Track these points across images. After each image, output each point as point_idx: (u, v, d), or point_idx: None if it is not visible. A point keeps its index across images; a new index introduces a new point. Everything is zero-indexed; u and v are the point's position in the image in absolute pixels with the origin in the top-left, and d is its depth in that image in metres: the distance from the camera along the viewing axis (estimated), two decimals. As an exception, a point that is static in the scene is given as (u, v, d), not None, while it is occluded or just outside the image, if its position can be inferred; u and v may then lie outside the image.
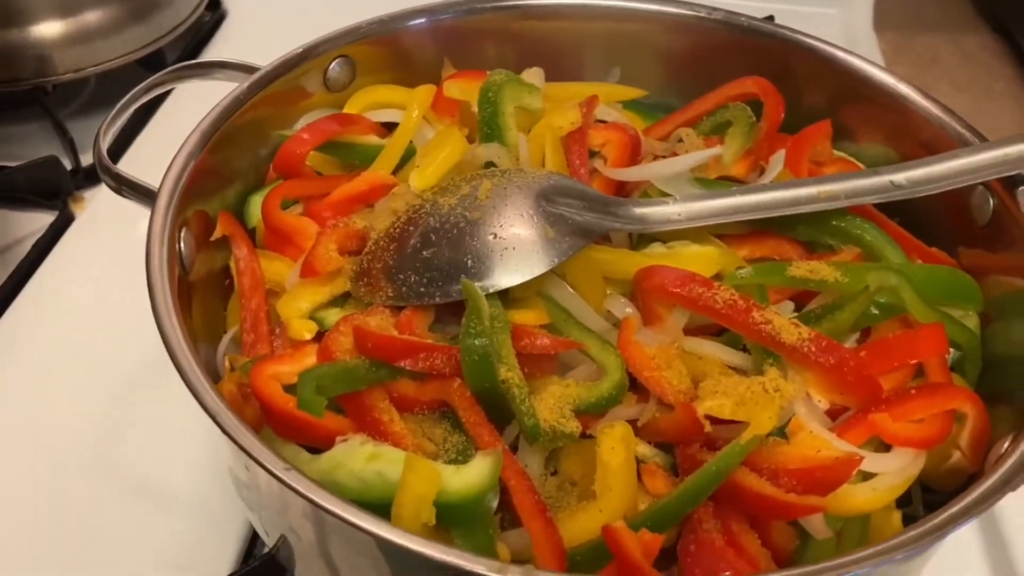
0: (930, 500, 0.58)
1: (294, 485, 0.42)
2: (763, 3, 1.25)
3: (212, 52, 1.22)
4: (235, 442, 0.44)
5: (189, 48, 1.20)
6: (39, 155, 1.00)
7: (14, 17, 1.03)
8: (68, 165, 0.99)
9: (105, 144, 0.64)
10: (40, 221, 0.96)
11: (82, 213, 0.97)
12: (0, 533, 0.69)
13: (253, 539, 0.69)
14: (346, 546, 0.48)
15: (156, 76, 0.67)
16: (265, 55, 0.76)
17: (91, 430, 0.76)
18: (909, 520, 0.55)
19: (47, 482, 0.73)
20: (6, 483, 0.72)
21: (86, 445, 0.75)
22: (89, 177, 1.00)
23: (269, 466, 0.43)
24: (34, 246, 0.91)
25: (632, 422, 0.58)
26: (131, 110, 0.67)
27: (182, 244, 0.58)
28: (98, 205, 0.97)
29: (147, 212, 0.64)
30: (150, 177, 0.65)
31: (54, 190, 0.95)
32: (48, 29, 1.04)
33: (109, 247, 0.92)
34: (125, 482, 0.73)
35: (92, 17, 1.06)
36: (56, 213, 0.94)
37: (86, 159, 1.02)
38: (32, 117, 1.09)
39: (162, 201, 0.57)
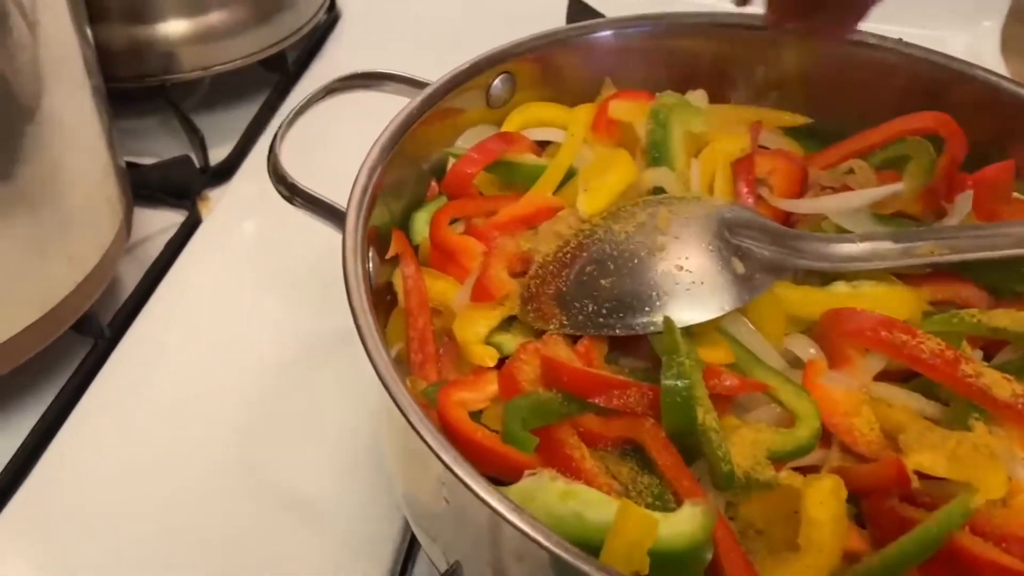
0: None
1: (528, 531, 0.41)
2: (889, 26, 1.21)
3: (328, 54, 1.22)
4: (461, 480, 0.42)
5: (307, 49, 1.20)
6: (160, 150, 1.01)
7: (142, 14, 1.03)
8: (197, 163, 0.99)
9: (281, 153, 0.63)
10: (168, 220, 0.96)
11: (209, 214, 0.97)
12: (137, 537, 0.69)
13: (406, 559, 0.68)
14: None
15: (330, 83, 0.66)
16: (378, 60, 0.74)
17: (228, 435, 0.76)
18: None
19: (182, 489, 0.72)
20: (147, 489, 0.72)
21: (224, 451, 0.75)
22: (216, 176, 1.00)
23: (498, 507, 0.41)
24: (167, 245, 0.91)
25: (814, 468, 0.56)
26: (302, 116, 0.66)
27: (370, 263, 0.56)
28: (224, 205, 0.97)
29: (268, 214, 0.63)
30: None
31: (185, 189, 0.95)
32: (175, 27, 1.04)
33: (238, 248, 0.92)
34: (263, 493, 0.72)
35: (218, 17, 1.06)
36: (186, 213, 0.94)
37: (213, 157, 1.02)
38: (150, 112, 1.10)
39: (351, 219, 0.56)
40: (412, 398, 0.46)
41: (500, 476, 0.53)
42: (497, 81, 0.72)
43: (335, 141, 0.82)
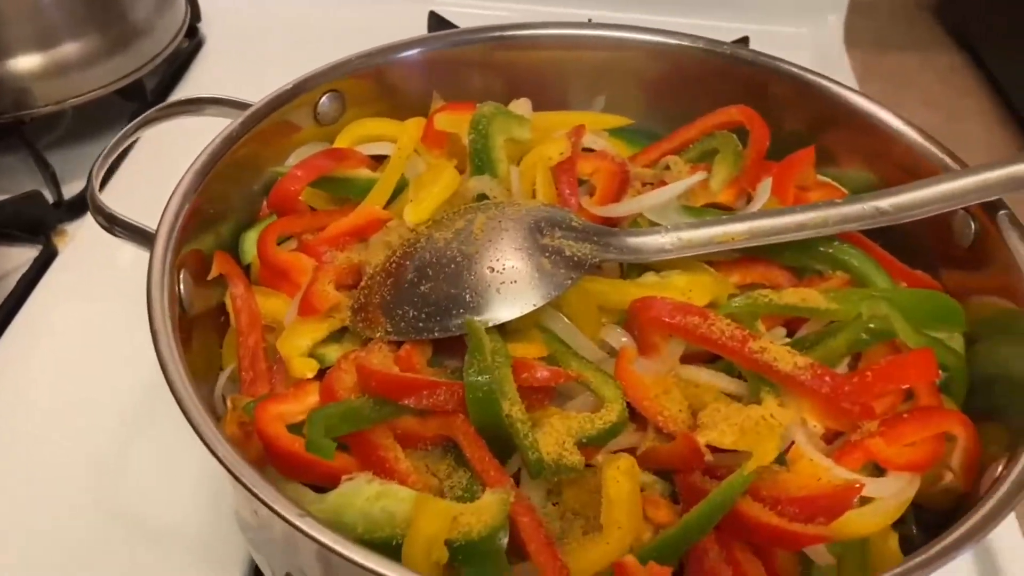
0: (923, 519, 0.59)
1: (310, 532, 0.42)
2: (737, 24, 1.27)
3: (191, 80, 1.22)
4: (249, 490, 0.44)
5: (168, 76, 1.20)
6: (16, 188, 1.00)
7: (-12, 51, 1.02)
8: (50, 199, 0.98)
9: (97, 183, 0.63)
10: (22, 256, 0.95)
11: (65, 247, 0.96)
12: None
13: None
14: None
15: (148, 113, 0.67)
16: (244, 82, 0.75)
17: (85, 466, 0.76)
18: (903, 540, 0.57)
19: (39, 520, 0.72)
20: (3, 525, 0.72)
21: (80, 481, 0.75)
22: (71, 210, 0.99)
23: (284, 513, 0.43)
24: (19, 282, 0.90)
25: (631, 450, 0.59)
26: (122, 147, 0.67)
27: (181, 286, 0.58)
28: (81, 238, 0.97)
29: (130, 245, 0.65)
30: (136, 211, 0.66)
31: (37, 224, 0.95)
32: (27, 62, 1.03)
33: (94, 281, 0.92)
34: (121, 520, 0.72)
35: (71, 49, 1.05)
36: (40, 248, 0.93)
37: (67, 192, 1.01)
38: (7, 149, 1.08)
39: (160, 244, 0.57)
40: (204, 411, 0.47)
41: (324, 484, 0.54)
42: (324, 99, 0.74)
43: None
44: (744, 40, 1.20)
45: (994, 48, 1.34)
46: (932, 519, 0.58)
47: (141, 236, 0.62)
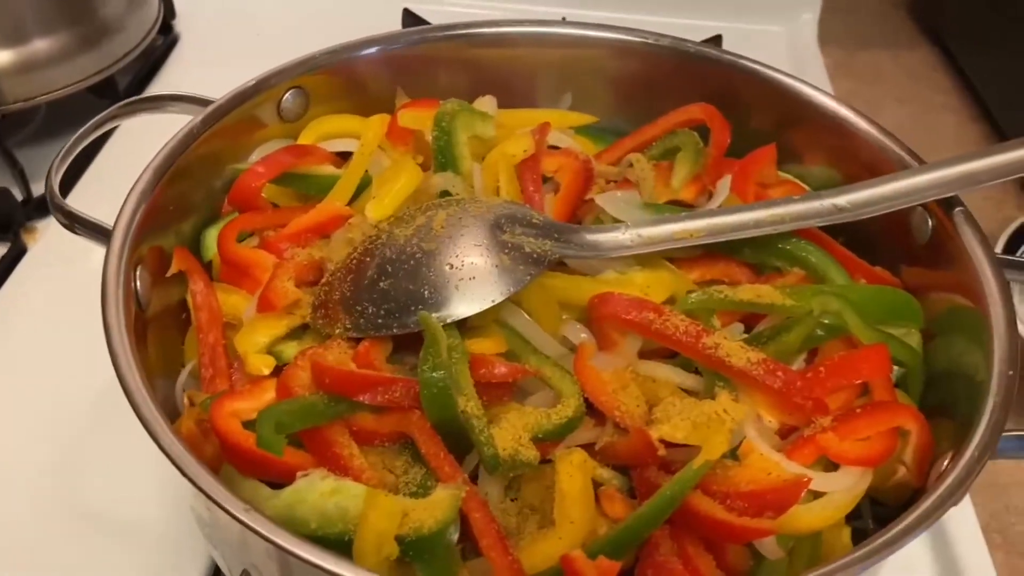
0: (878, 512, 0.60)
1: (255, 526, 0.42)
2: (711, 22, 1.28)
3: (165, 77, 1.21)
4: (196, 486, 0.44)
5: (141, 73, 1.19)
6: (-12, 184, 1.00)
7: (-40, 47, 1.01)
8: (19, 196, 0.98)
9: (56, 181, 0.63)
10: (-9, 253, 0.95)
11: (35, 245, 0.96)
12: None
13: (215, 573, 0.69)
14: (308, 582, 0.48)
15: (107, 112, 0.67)
16: (218, 79, 0.75)
17: (48, 464, 0.76)
18: (859, 533, 0.57)
19: (3, 518, 0.72)
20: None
21: (43, 479, 0.75)
22: (40, 208, 0.99)
23: (230, 508, 0.43)
24: (-14, 279, 0.90)
25: (589, 446, 0.59)
26: (82, 146, 0.67)
27: (138, 282, 0.58)
28: (51, 236, 0.96)
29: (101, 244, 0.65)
30: (104, 210, 0.66)
31: (6, 222, 0.94)
32: (-7, 59, 1.03)
33: (64, 279, 0.91)
34: (84, 518, 0.73)
35: (41, 45, 1.05)
36: (8, 245, 0.93)
37: (37, 189, 1.01)
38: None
39: (116, 242, 0.57)
40: (154, 406, 0.47)
41: (280, 481, 0.54)
42: (288, 95, 0.74)
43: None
44: (717, 38, 1.21)
45: (967, 45, 1.34)
46: (889, 514, 0.59)
47: (100, 234, 0.62)
